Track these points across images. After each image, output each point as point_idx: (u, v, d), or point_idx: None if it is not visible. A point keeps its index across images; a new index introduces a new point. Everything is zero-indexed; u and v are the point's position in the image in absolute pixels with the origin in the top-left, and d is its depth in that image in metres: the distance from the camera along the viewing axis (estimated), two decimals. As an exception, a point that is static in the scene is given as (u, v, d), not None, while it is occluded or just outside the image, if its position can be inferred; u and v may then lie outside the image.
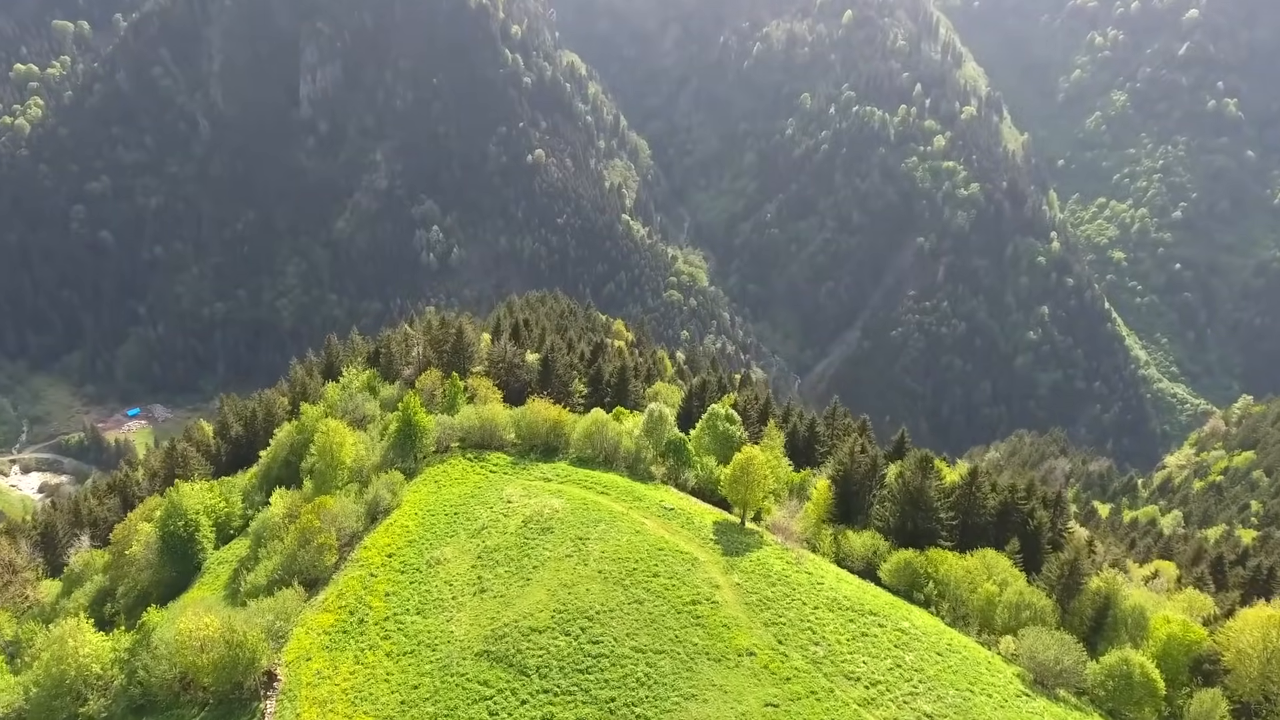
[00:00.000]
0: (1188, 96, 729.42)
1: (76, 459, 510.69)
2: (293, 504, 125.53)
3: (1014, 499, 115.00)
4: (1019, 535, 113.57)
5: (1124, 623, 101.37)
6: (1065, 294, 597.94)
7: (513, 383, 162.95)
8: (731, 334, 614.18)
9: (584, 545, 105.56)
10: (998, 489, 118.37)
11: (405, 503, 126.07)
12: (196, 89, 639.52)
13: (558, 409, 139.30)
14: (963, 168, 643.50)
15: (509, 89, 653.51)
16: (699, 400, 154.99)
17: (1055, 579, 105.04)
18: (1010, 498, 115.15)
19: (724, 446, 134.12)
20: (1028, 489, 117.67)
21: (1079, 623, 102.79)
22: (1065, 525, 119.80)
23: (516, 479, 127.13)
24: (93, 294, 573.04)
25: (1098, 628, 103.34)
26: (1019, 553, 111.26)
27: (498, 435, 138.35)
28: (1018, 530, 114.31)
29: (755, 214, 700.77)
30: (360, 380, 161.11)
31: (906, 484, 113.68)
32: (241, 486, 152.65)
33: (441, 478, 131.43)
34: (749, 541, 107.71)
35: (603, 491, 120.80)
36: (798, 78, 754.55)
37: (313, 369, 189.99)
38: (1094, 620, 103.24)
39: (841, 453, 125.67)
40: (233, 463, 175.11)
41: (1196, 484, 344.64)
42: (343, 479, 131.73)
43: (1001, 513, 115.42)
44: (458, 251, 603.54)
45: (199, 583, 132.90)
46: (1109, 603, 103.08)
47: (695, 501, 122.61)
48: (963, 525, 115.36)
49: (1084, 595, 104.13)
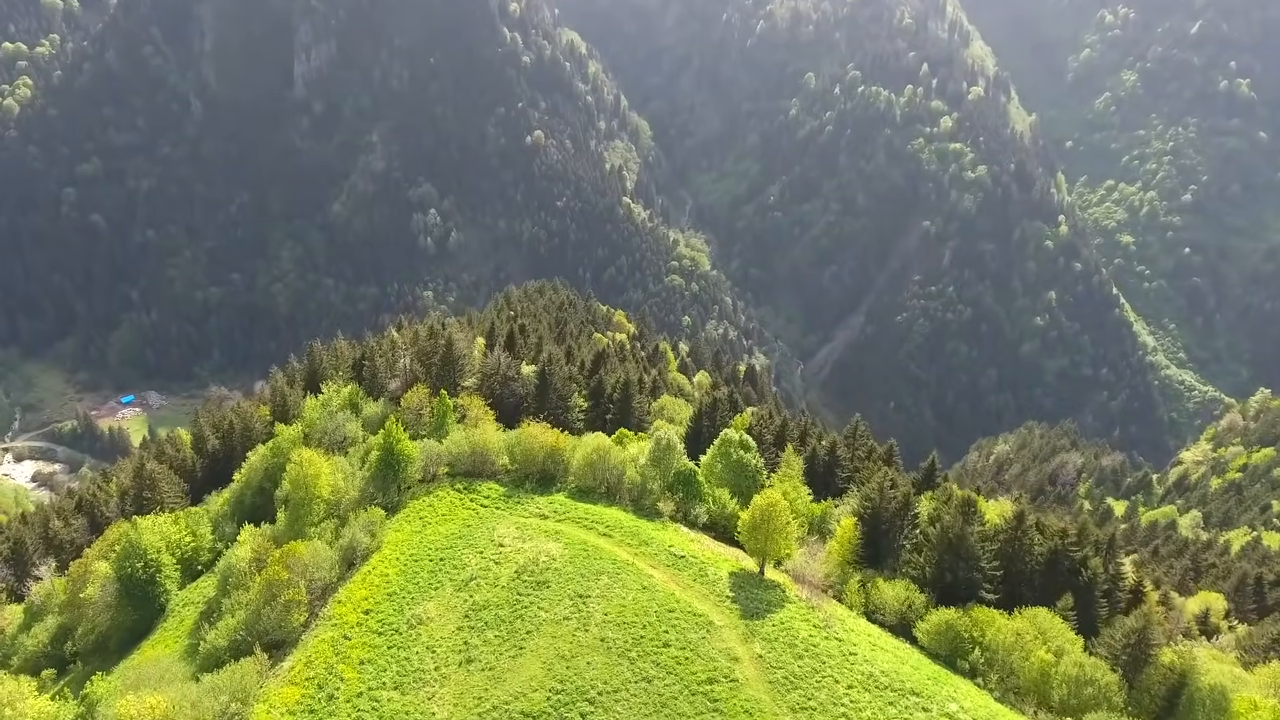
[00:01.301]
0: (1199, 77, 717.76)
1: (70, 447, 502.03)
2: (261, 546, 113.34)
3: (1064, 546, 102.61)
4: (1070, 588, 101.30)
5: (1202, 705, 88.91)
6: (1073, 279, 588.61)
7: (507, 397, 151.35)
8: (734, 319, 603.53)
9: (584, 605, 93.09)
10: (1046, 533, 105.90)
11: (386, 544, 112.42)
12: (188, 68, 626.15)
13: (555, 433, 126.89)
14: (969, 150, 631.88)
15: (507, 68, 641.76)
16: (709, 419, 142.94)
17: (1120, 648, 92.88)
18: (1060, 544, 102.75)
19: (738, 476, 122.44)
20: (1079, 534, 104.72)
21: (1148, 701, 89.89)
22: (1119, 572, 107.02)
23: (509, 515, 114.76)
24: (84, 279, 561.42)
25: (1170, 708, 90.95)
26: (1072, 609, 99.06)
27: (490, 462, 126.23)
28: (1068, 581, 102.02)
29: (758, 196, 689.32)
30: (341, 397, 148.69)
31: (945, 530, 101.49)
32: (212, 514, 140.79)
33: (427, 513, 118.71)
34: (770, 599, 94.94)
35: (605, 533, 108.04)
36: (802, 57, 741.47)
37: (295, 377, 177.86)
38: (1166, 700, 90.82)
39: (870, 488, 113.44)
40: (210, 479, 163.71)
41: (1214, 481, 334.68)
42: (318, 514, 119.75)
43: (1050, 561, 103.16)
44: (456, 235, 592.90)
45: (161, 627, 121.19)
46: (1184, 679, 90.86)
47: (707, 543, 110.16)
48: (1006, 573, 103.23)
49: (1154, 669, 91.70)
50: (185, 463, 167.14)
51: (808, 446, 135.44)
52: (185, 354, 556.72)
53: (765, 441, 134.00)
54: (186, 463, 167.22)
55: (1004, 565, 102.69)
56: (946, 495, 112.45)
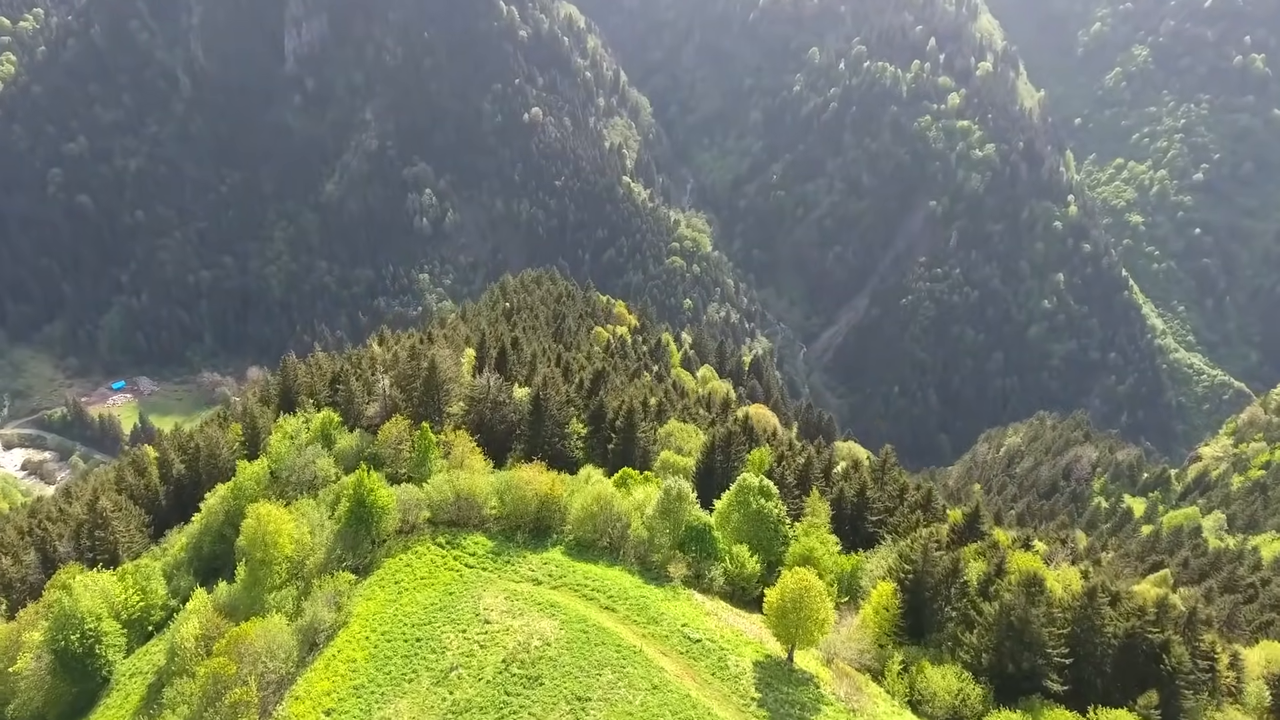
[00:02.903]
0: (1212, 52, 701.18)
1: (60, 435, 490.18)
2: (209, 623, 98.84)
3: (1142, 626, 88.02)
4: (1149, 675, 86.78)
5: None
6: (1081, 261, 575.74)
7: (498, 423, 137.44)
8: (735, 302, 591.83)
9: (584, 711, 78.99)
10: (1120, 608, 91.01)
11: (356, 616, 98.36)
12: (176, 43, 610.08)
13: (550, 477, 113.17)
14: (977, 127, 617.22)
15: (504, 43, 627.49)
16: (722, 453, 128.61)
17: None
18: (1139, 625, 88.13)
19: (758, 528, 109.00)
20: (1158, 610, 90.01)
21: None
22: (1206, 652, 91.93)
23: (498, 578, 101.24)
24: (72, 261, 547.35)
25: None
26: (1156, 708, 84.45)
27: (476, 509, 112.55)
28: (1146, 667, 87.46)
29: (760, 175, 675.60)
30: (313, 427, 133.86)
31: (1006, 611, 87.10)
32: (168, 561, 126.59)
33: (404, 575, 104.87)
34: (802, 699, 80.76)
35: (608, 605, 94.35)
36: (806, 30, 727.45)
37: (269, 394, 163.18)
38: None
39: (909, 546, 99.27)
40: (176, 507, 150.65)
41: (1235, 480, 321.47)
42: (279, 577, 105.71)
43: (1126, 645, 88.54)
44: (452, 216, 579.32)
45: (105, 702, 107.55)
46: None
47: (725, 615, 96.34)
48: (1073, 656, 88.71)
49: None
50: (149, 489, 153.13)
51: (833, 486, 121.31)
52: (177, 338, 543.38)
53: (787, 484, 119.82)
54: (150, 489, 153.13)
55: (1072, 648, 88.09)
56: (998, 559, 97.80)
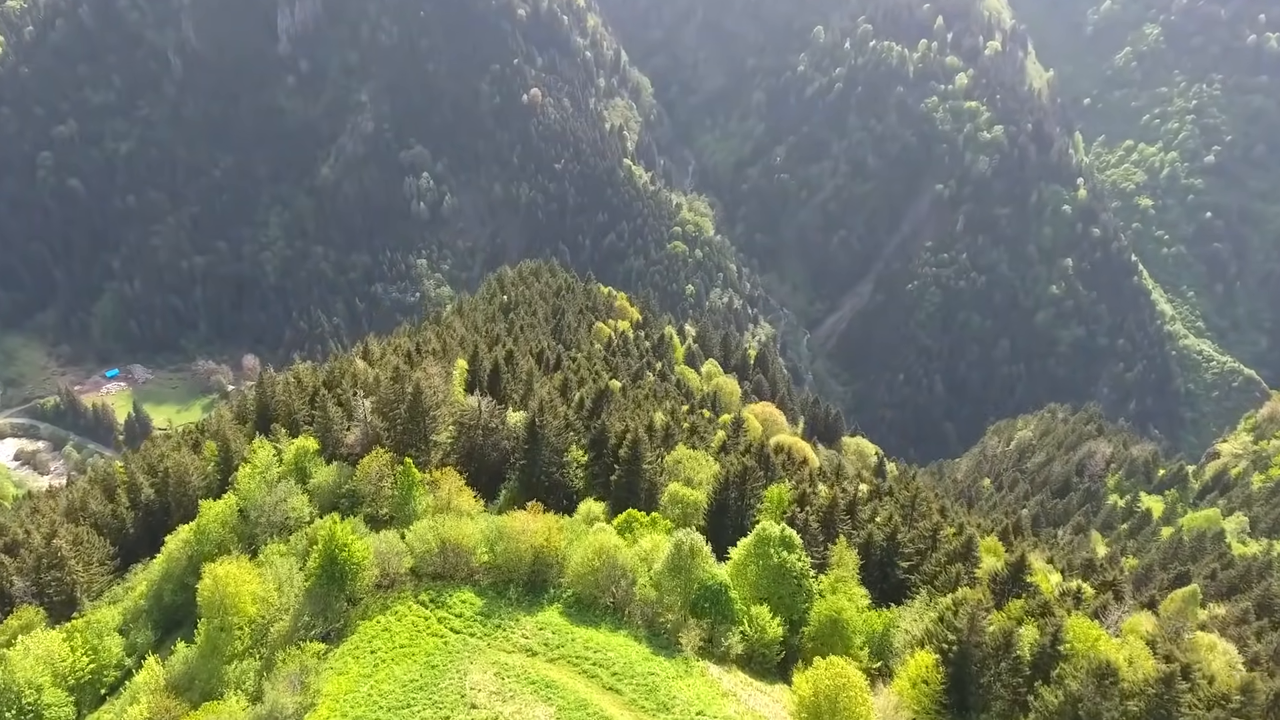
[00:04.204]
0: (1225, 30, 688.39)
1: (53, 424, 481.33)
2: (159, 706, 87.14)
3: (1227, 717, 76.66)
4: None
5: None
6: (1090, 245, 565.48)
7: (490, 450, 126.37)
8: (738, 287, 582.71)
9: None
10: (1201, 695, 79.38)
11: (324, 698, 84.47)
12: (166, 23, 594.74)
13: (545, 525, 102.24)
14: (985, 108, 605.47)
15: (502, 22, 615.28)
16: (737, 490, 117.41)
17: None
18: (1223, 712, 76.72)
19: (779, 584, 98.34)
20: (1244, 693, 78.58)
21: None
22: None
23: (487, 647, 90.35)
24: (64, 247, 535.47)
25: None
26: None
27: (464, 560, 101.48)
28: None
29: (764, 157, 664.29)
30: (287, 458, 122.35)
31: (1073, 702, 75.92)
32: (128, 606, 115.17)
33: (381, 642, 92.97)
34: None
35: (611, 684, 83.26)
36: (810, 9, 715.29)
37: (246, 411, 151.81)
38: None
39: (952, 611, 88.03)
40: (146, 534, 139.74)
41: (1256, 479, 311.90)
42: (242, 641, 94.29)
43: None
44: (450, 200, 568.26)
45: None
46: None
47: (745, 698, 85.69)
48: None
49: None
50: (116, 516, 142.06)
51: (860, 530, 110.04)
52: (171, 325, 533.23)
53: (809, 530, 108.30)
54: (118, 516, 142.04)
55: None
56: (1053, 628, 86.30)
